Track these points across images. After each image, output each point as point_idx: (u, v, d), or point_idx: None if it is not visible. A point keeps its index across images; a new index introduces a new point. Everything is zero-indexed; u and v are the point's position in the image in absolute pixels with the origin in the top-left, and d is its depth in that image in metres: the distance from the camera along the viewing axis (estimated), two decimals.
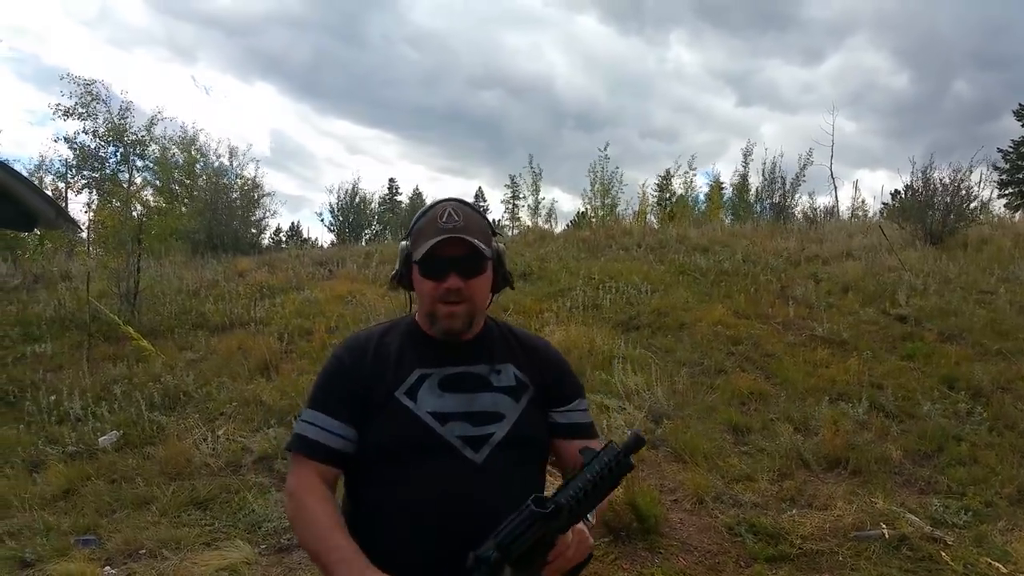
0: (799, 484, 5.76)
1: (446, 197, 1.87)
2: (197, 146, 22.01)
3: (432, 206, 1.85)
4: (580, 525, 1.55)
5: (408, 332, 1.90)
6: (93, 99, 20.57)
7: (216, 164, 21.87)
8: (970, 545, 4.85)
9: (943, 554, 4.70)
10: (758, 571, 4.54)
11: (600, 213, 21.13)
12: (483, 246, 1.77)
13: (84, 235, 17.35)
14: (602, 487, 1.52)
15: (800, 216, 19.02)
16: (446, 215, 1.79)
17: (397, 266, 1.89)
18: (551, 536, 1.51)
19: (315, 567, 1.80)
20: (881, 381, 7.64)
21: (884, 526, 4.99)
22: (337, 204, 23.89)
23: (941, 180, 13.69)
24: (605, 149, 21.66)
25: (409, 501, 1.71)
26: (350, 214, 24.02)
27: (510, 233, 22.93)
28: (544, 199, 28.42)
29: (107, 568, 4.69)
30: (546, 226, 21.58)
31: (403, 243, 1.88)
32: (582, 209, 23.18)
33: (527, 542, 1.48)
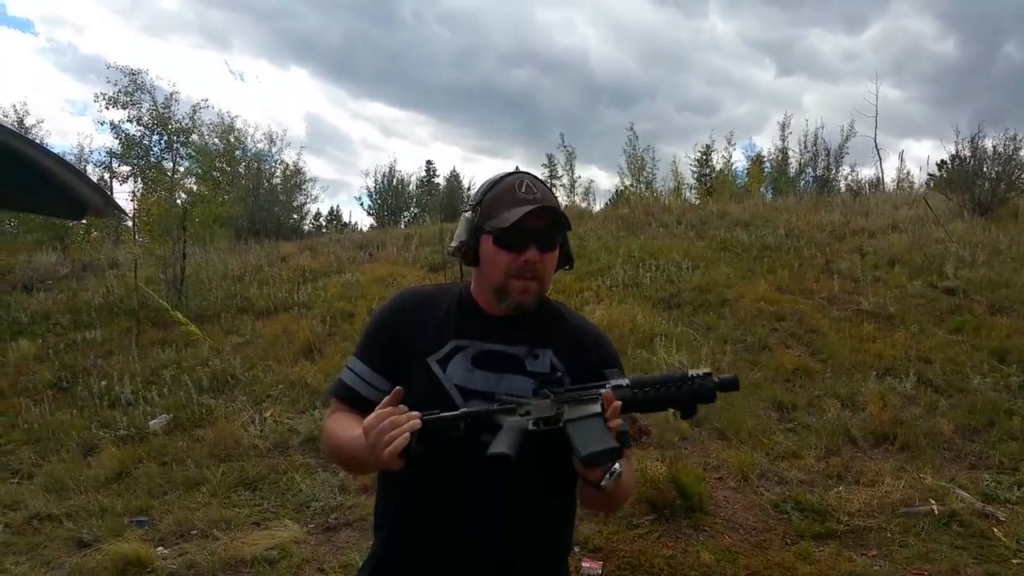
0: (846, 461, 5.70)
1: (516, 170, 1.82)
2: (235, 133, 22.25)
3: (503, 177, 1.78)
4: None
5: (458, 300, 1.84)
6: (138, 88, 20.86)
7: (255, 150, 22.11)
8: (1023, 521, 4.77)
9: (995, 530, 4.63)
10: (804, 548, 4.52)
11: (637, 190, 20.98)
12: (562, 220, 1.73)
13: (130, 223, 17.58)
14: (675, 393, 1.58)
15: (844, 188, 18.72)
16: (524, 187, 1.72)
17: (463, 237, 1.79)
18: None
19: (364, 546, 1.82)
20: (929, 355, 7.53)
21: (933, 502, 4.93)
22: (375, 188, 24.02)
23: (993, 147, 13.38)
24: (632, 128, 21.58)
25: (422, 476, 1.66)
26: (388, 197, 24.15)
27: None
28: (580, 178, 28.23)
29: (160, 548, 4.79)
30: (584, 205, 21.48)
31: (467, 214, 1.79)
32: (620, 187, 23.00)
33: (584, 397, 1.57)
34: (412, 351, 1.76)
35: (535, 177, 1.78)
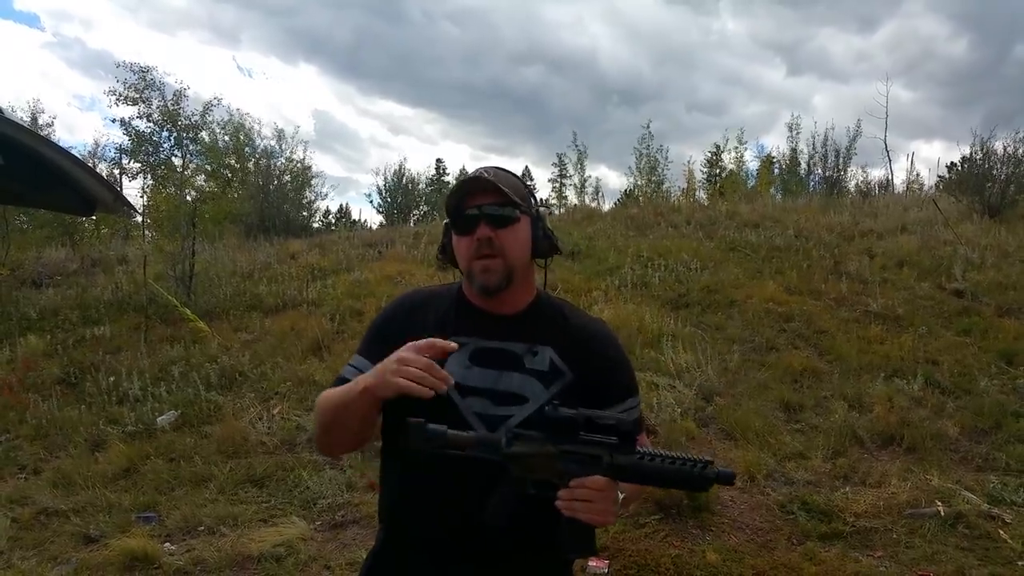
0: (852, 461, 5.70)
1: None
2: (245, 130, 22.28)
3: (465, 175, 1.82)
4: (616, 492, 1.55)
5: (455, 299, 1.85)
6: (147, 86, 20.89)
7: (264, 147, 22.12)
8: None
9: (1001, 532, 4.62)
10: (810, 548, 4.52)
11: (647, 191, 20.96)
12: (512, 195, 1.71)
13: (140, 219, 17.62)
14: (667, 473, 1.54)
15: (853, 190, 18.65)
16: (475, 173, 1.76)
17: (443, 240, 1.84)
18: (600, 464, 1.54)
19: (371, 543, 1.83)
20: (937, 357, 7.51)
21: (939, 504, 4.92)
22: (385, 186, 24.03)
23: (1004, 148, 13.32)
24: (648, 126, 21.51)
25: (418, 472, 1.68)
26: (398, 195, 24.15)
27: (557, 212, 22.83)
28: (590, 177, 28.25)
29: (167, 544, 4.82)
30: (593, 204, 21.47)
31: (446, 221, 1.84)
32: (629, 187, 23.01)
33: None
34: None
35: (495, 168, 1.79)
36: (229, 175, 21.68)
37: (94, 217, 17.09)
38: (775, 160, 23.47)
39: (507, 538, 1.64)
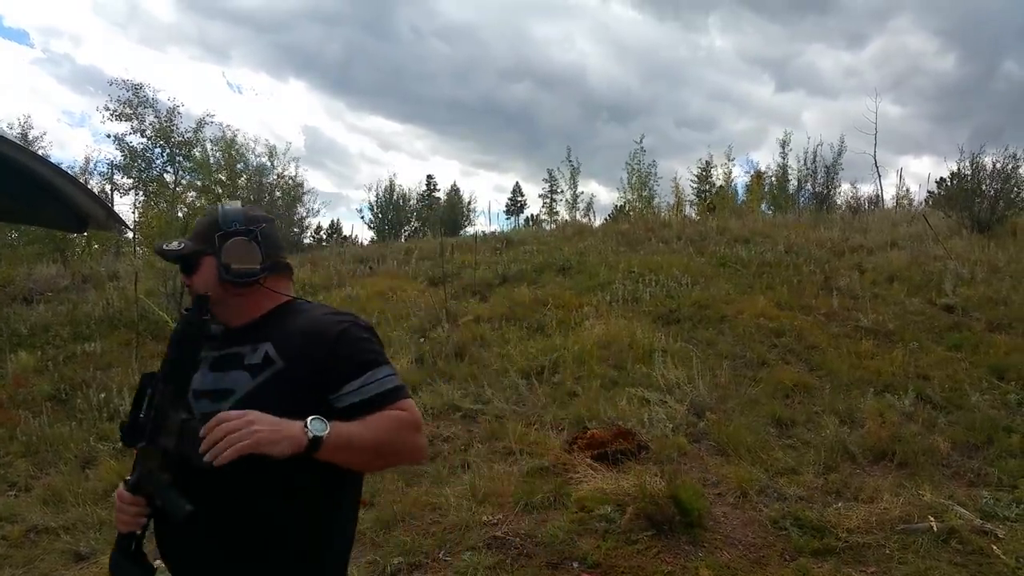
0: (844, 477, 5.70)
1: None
2: (236, 146, 22.31)
3: None
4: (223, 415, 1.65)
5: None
6: (140, 102, 20.92)
7: (255, 163, 22.15)
8: (1022, 538, 4.75)
9: (994, 547, 4.62)
10: (803, 565, 4.51)
11: (638, 206, 21.03)
12: (193, 246, 1.94)
13: (131, 236, 17.61)
14: (179, 359, 1.83)
15: (843, 205, 18.76)
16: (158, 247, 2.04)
17: None
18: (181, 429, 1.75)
19: (362, 560, 1.83)
20: (928, 372, 7.53)
21: (932, 519, 4.92)
22: (377, 201, 24.07)
23: (993, 164, 13.44)
24: (640, 141, 21.60)
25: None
26: (389, 211, 24.19)
27: (548, 227, 22.87)
28: (582, 193, 28.34)
29: (158, 562, 4.77)
30: (584, 220, 21.53)
31: None
32: (619, 202, 23.08)
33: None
34: None
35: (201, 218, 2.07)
36: (219, 191, 21.68)
37: (86, 234, 17.04)
38: (765, 176, 23.61)
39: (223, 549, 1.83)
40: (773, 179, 23.27)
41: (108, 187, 23.01)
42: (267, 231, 1.99)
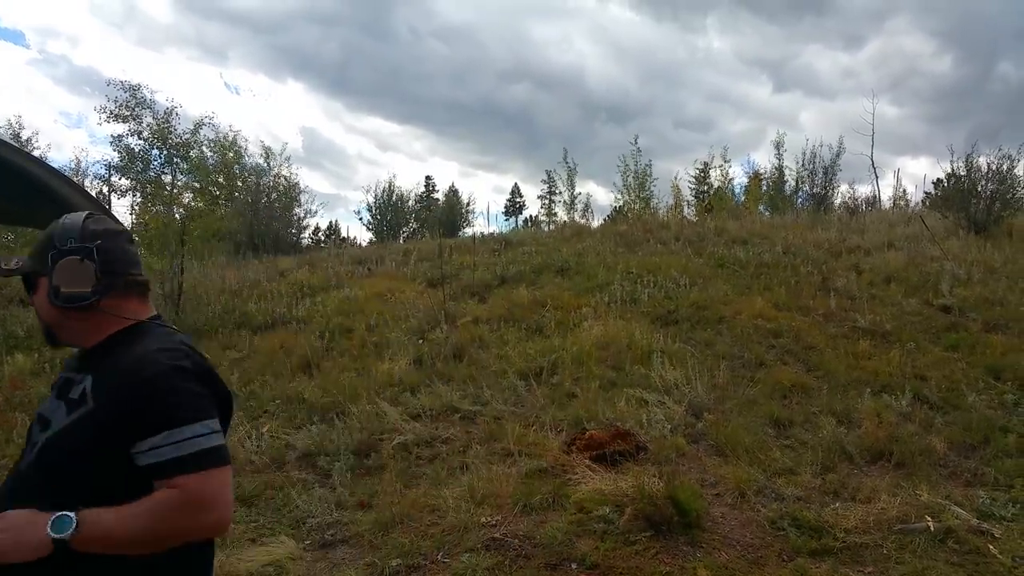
0: (842, 477, 5.70)
1: None
2: (235, 148, 22.29)
3: None
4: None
5: None
6: (138, 104, 20.90)
7: (253, 164, 22.13)
8: (1018, 538, 4.76)
9: (990, 547, 4.63)
10: (801, 565, 4.51)
11: (635, 207, 21.01)
12: (13, 267, 1.84)
13: None
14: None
15: (840, 207, 18.78)
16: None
17: None
18: None
19: (361, 562, 1.83)
20: (925, 372, 7.54)
21: (929, 519, 4.92)
22: (375, 203, 24.05)
23: (988, 165, 13.45)
24: (636, 142, 21.60)
25: None
26: (388, 212, 24.17)
27: (546, 228, 22.87)
28: (580, 194, 28.32)
29: None
30: (582, 221, 21.52)
31: None
32: (618, 203, 23.06)
33: None
34: None
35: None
36: (216, 192, 21.66)
37: None
38: (762, 177, 23.62)
39: None
40: (770, 180, 23.29)
41: (105, 188, 23.00)
42: (107, 247, 1.80)
